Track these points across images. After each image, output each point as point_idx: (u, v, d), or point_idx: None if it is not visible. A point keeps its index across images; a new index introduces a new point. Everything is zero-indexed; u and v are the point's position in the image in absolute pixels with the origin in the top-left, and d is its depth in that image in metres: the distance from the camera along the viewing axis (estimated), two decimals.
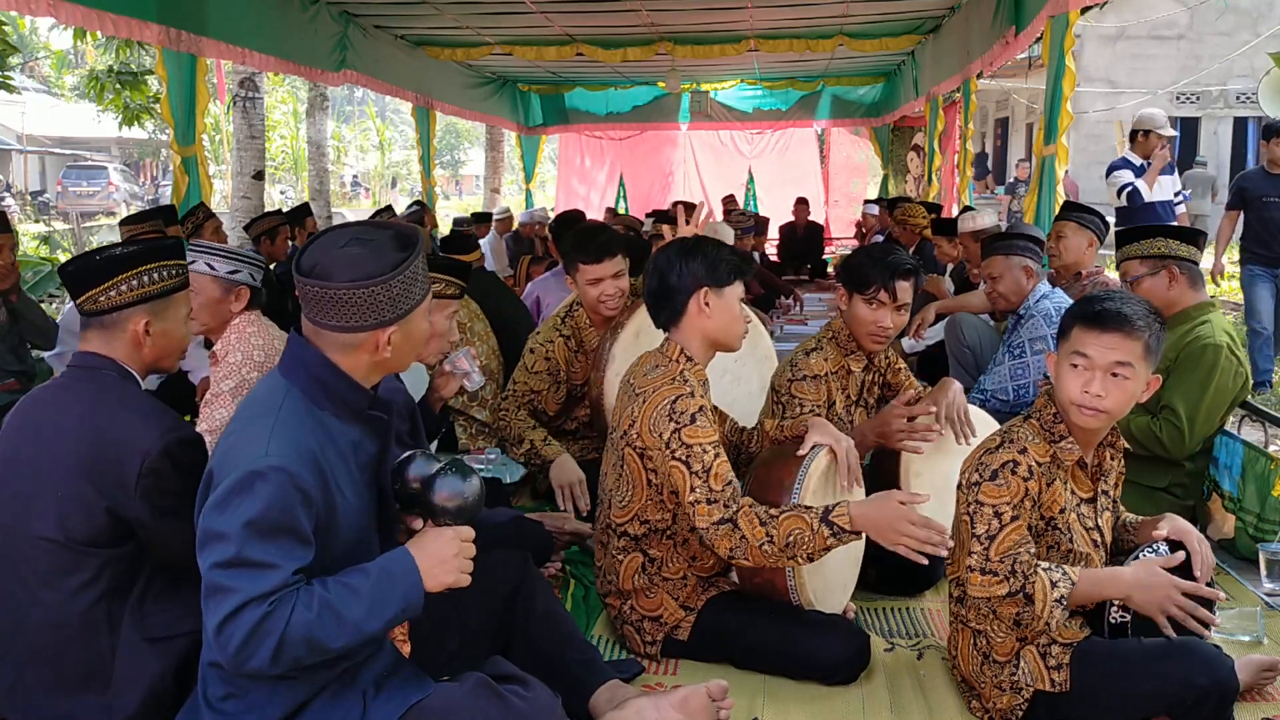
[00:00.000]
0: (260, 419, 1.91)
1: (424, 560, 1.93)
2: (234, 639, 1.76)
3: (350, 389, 1.99)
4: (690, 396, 2.62)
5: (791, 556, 2.46)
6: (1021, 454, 2.34)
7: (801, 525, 2.44)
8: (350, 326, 1.93)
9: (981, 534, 2.32)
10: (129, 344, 2.30)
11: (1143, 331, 2.29)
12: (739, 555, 2.50)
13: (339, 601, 1.83)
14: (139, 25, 5.03)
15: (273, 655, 1.77)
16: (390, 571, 1.90)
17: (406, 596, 1.89)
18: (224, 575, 1.78)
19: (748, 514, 2.49)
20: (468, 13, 8.10)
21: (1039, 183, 5.87)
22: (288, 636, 1.77)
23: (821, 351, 3.26)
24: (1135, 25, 18.27)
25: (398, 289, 1.93)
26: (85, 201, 26.55)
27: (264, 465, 1.82)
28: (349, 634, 1.83)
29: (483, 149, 17.94)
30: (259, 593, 1.77)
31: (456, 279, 3.39)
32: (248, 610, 1.76)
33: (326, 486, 1.91)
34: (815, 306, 8.98)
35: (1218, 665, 2.27)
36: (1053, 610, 2.27)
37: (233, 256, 3.20)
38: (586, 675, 2.45)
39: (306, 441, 1.90)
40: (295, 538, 1.83)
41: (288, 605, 1.78)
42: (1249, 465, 3.48)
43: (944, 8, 8.02)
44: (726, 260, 2.76)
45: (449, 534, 1.97)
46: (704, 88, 13.82)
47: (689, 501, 2.54)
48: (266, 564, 1.78)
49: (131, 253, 2.33)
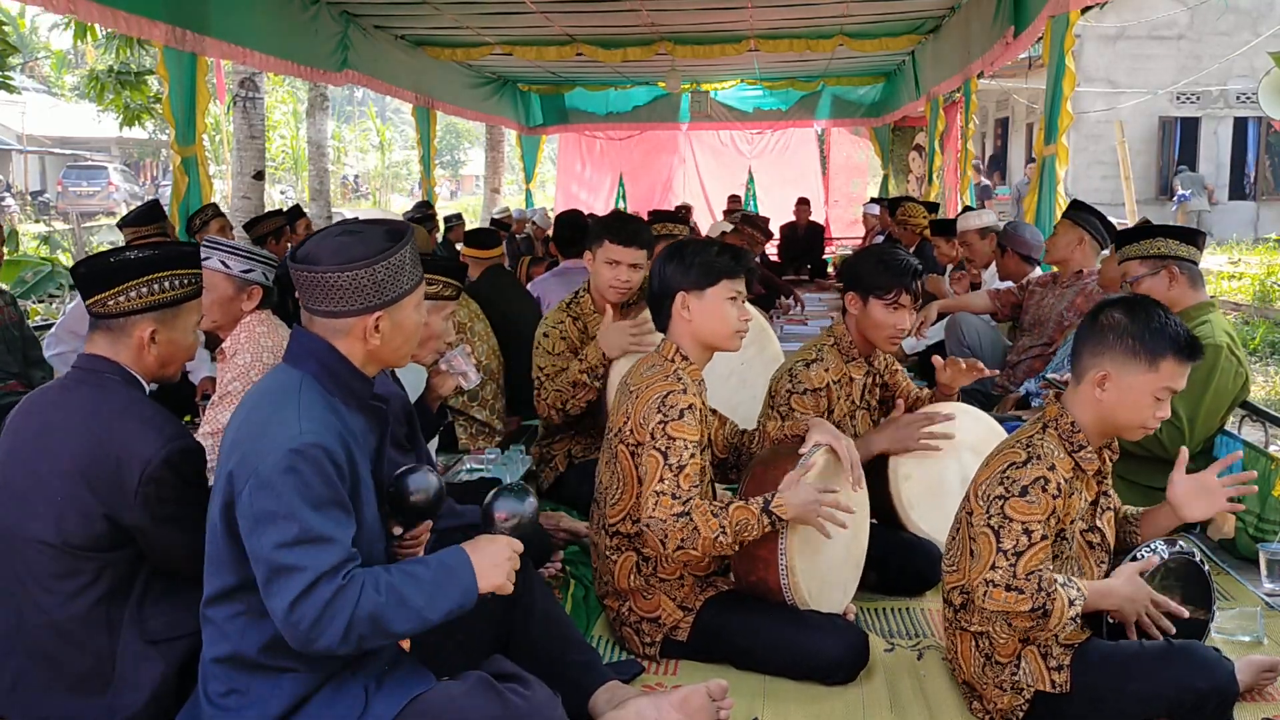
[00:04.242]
0: (283, 405, 1.95)
1: (479, 560, 2.00)
2: (307, 616, 1.81)
3: (356, 377, 2.05)
4: (682, 393, 2.64)
5: (738, 542, 2.57)
6: (1051, 470, 2.32)
7: (748, 515, 2.55)
8: (338, 311, 1.99)
9: (1009, 549, 2.28)
10: (134, 350, 2.29)
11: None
12: (687, 547, 2.56)
13: (403, 586, 1.89)
14: (148, 24, 5.12)
15: (344, 632, 1.82)
16: (449, 565, 1.98)
17: (464, 590, 1.96)
18: (291, 554, 1.82)
19: (700, 508, 2.56)
20: (468, 13, 8.10)
21: (1039, 183, 5.88)
22: (358, 615, 1.83)
23: (822, 362, 3.22)
24: (1135, 25, 18.26)
25: (382, 274, 1.98)
26: (85, 201, 26.51)
27: (302, 443, 1.87)
28: (411, 619, 1.89)
29: (483, 149, 17.95)
30: (328, 567, 1.82)
31: (453, 280, 3.40)
32: (321, 586, 1.81)
33: (354, 463, 1.97)
34: (815, 306, 8.98)
35: (1218, 669, 2.28)
36: (1065, 626, 2.27)
37: (247, 255, 3.21)
38: (586, 676, 2.45)
39: (331, 421, 1.96)
40: (343, 509, 1.90)
41: (358, 584, 1.84)
42: (1249, 465, 3.48)
43: (944, 8, 8.02)
44: (706, 263, 2.75)
45: (503, 541, 2.08)
46: (704, 88, 13.81)
47: (654, 491, 2.57)
48: (327, 537, 1.84)
49: (144, 259, 2.30)
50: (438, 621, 1.93)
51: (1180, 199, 18.27)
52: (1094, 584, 2.36)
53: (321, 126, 13.38)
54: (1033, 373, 4.75)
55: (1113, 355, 2.33)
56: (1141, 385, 2.31)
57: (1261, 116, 17.64)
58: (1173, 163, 19.49)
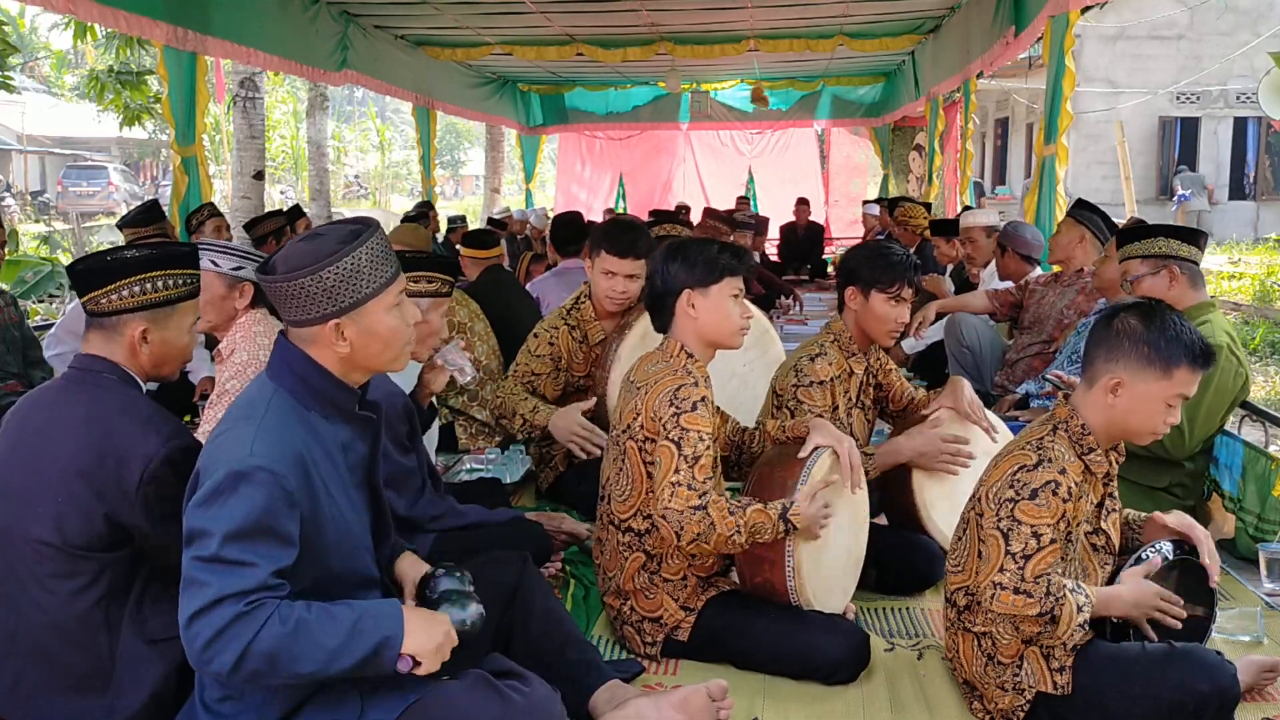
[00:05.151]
0: (245, 420, 1.92)
1: (412, 620, 1.91)
2: (202, 635, 1.76)
3: (335, 388, 2.01)
4: (694, 386, 2.66)
5: (749, 544, 2.58)
6: (1061, 474, 2.31)
7: (765, 519, 2.56)
8: (298, 320, 1.97)
9: (1017, 552, 2.28)
10: (127, 349, 2.28)
11: None
12: (701, 541, 2.56)
13: (317, 624, 1.81)
14: (148, 24, 5.14)
15: (235, 661, 1.75)
16: (376, 613, 1.89)
17: (382, 641, 1.85)
18: (201, 569, 1.79)
19: (718, 504, 2.57)
20: (468, 13, 8.10)
21: (1039, 183, 5.88)
22: (254, 647, 1.75)
23: (826, 356, 3.24)
24: (1135, 25, 18.27)
25: (332, 280, 1.93)
26: (85, 201, 26.52)
27: (248, 465, 1.83)
28: (318, 659, 1.80)
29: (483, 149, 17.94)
30: (235, 590, 1.77)
31: (445, 275, 3.40)
32: (222, 607, 1.76)
33: (312, 487, 1.91)
34: (815, 306, 8.98)
35: (1220, 672, 2.28)
36: (1074, 633, 2.27)
37: (236, 253, 3.22)
38: (586, 675, 2.44)
39: (291, 441, 1.91)
40: (276, 538, 1.83)
41: (263, 614, 1.77)
42: (1249, 465, 3.48)
43: (944, 8, 8.02)
44: (709, 260, 2.76)
45: (444, 618, 1.97)
46: (704, 88, 13.82)
47: (670, 482, 2.57)
48: (245, 563, 1.79)
49: (138, 258, 2.29)
50: (351, 667, 1.83)
51: (1180, 199, 18.28)
52: (1101, 591, 2.36)
53: (321, 126, 13.38)
54: (1032, 371, 4.75)
55: (1127, 362, 2.32)
56: (1155, 393, 2.31)
57: (1261, 116, 17.64)
58: (1173, 163, 19.49)
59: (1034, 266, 5.28)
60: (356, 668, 1.84)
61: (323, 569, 1.94)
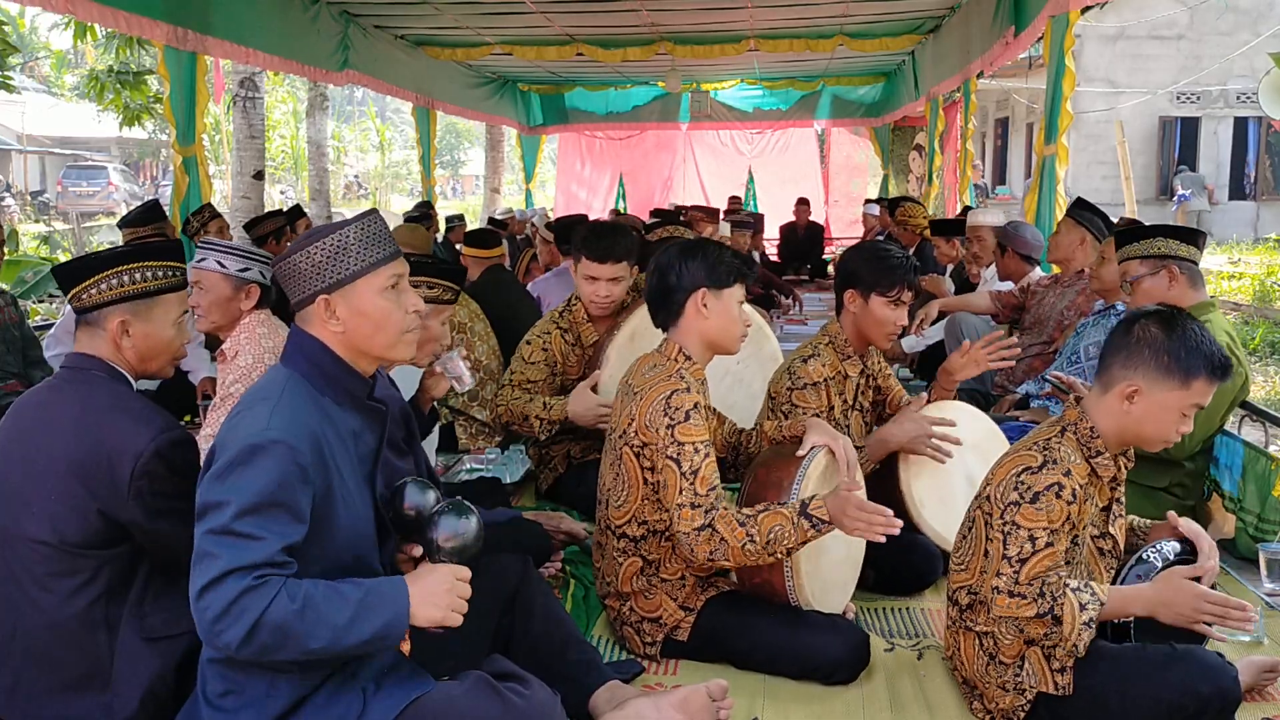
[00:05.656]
0: (262, 401, 1.96)
1: (416, 591, 1.92)
2: (213, 607, 1.77)
3: (347, 374, 2.05)
4: (686, 392, 2.64)
5: (773, 554, 2.49)
6: (1066, 476, 2.30)
7: (781, 521, 2.48)
8: (296, 300, 2.05)
9: (1013, 556, 2.28)
10: (110, 344, 2.30)
11: None
12: (719, 558, 2.52)
13: (324, 601, 1.82)
14: (149, 24, 5.15)
15: (246, 634, 1.77)
16: (382, 591, 1.90)
17: (390, 620, 1.87)
18: (212, 542, 1.81)
19: (725, 517, 2.52)
20: (468, 13, 8.10)
21: (1039, 183, 5.88)
22: (265, 619, 1.77)
23: (819, 358, 3.24)
24: (1135, 25, 18.26)
25: (319, 256, 2.00)
26: (85, 201, 26.54)
27: (264, 439, 1.86)
28: (325, 636, 1.81)
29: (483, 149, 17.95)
30: (245, 563, 1.78)
31: (450, 283, 3.40)
32: (231, 579, 1.78)
33: (325, 465, 1.94)
34: (815, 306, 8.99)
35: (1221, 674, 2.27)
36: (1081, 633, 2.25)
37: (243, 254, 3.22)
38: (586, 676, 2.44)
39: (307, 421, 1.94)
40: (289, 513, 1.85)
41: (272, 589, 1.79)
42: (1249, 465, 3.48)
43: (944, 8, 8.02)
44: (727, 263, 2.76)
45: (444, 571, 1.98)
46: (704, 88, 13.82)
47: (675, 504, 2.56)
48: (255, 537, 1.81)
49: (116, 251, 2.34)
50: (358, 645, 1.85)
51: (1180, 199, 18.27)
52: (1119, 590, 2.34)
53: (321, 126, 13.39)
54: (1032, 372, 4.75)
55: (1146, 370, 2.31)
56: (1171, 402, 2.30)
57: (1261, 116, 17.64)
58: (1173, 163, 19.49)
59: (1034, 267, 5.27)
60: (365, 645, 1.87)
61: (331, 557, 1.95)
